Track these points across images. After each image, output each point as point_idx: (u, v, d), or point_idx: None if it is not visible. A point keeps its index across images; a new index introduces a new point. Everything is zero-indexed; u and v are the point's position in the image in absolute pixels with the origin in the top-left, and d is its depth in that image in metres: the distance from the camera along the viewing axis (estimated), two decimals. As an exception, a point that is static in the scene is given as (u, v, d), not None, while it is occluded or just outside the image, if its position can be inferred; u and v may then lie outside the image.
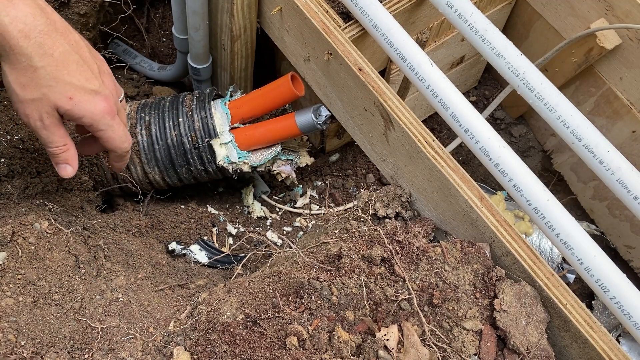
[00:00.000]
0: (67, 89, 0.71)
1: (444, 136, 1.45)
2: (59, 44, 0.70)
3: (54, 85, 0.70)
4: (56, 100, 0.70)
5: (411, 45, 0.89)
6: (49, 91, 0.70)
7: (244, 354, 0.71)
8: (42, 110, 0.71)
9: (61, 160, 0.77)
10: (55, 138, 0.74)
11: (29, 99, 0.70)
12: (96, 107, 0.74)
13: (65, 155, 0.77)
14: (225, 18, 1.11)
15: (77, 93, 0.72)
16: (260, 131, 1.08)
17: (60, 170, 0.78)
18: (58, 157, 0.77)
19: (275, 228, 1.29)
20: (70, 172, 0.78)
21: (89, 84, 0.73)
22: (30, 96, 0.70)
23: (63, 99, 0.71)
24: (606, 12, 1.05)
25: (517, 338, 0.74)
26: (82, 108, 0.72)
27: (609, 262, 0.76)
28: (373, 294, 0.77)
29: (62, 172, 0.78)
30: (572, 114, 0.83)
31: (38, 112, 0.71)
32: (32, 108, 0.70)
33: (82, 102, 0.72)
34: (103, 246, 0.88)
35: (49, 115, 0.72)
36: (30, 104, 0.70)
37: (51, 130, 0.73)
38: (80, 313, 0.75)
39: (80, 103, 0.72)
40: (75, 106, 0.72)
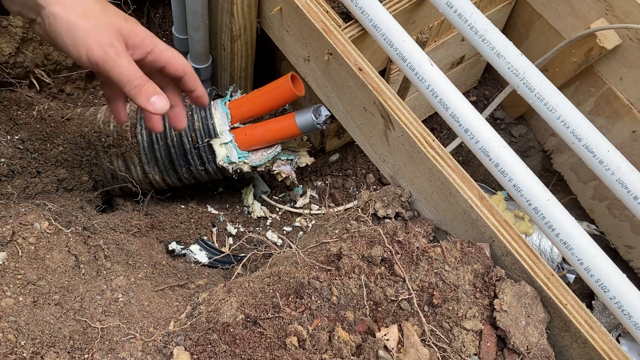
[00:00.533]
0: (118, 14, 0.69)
1: (444, 136, 1.45)
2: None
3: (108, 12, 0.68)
4: (117, 22, 0.68)
5: (411, 45, 0.89)
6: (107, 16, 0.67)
7: (244, 354, 0.71)
8: (110, 34, 0.66)
9: (149, 92, 0.69)
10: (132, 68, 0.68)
11: (95, 25, 0.66)
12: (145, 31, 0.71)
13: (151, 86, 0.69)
14: (225, 18, 1.11)
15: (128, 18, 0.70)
16: (260, 131, 1.08)
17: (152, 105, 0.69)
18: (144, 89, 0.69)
19: (275, 228, 1.29)
20: (166, 102, 0.70)
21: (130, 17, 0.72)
22: (94, 22, 0.66)
23: (122, 21, 0.68)
24: (606, 12, 1.05)
25: (517, 338, 0.74)
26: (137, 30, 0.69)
27: (609, 262, 0.76)
28: (373, 294, 0.77)
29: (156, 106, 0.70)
30: (572, 114, 0.83)
31: (108, 37, 0.66)
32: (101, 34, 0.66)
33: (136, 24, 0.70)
34: (103, 246, 0.88)
35: (118, 40, 0.67)
36: (97, 30, 0.66)
37: (124, 57, 0.67)
38: (80, 313, 0.75)
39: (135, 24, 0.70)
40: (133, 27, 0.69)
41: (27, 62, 1.09)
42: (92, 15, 0.66)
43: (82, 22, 0.65)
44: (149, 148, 1.07)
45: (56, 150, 1.03)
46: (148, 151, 1.07)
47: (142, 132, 1.07)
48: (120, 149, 1.07)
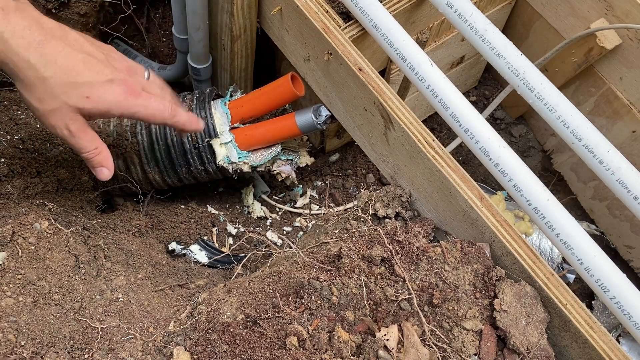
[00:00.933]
0: (81, 89, 0.71)
1: (444, 136, 1.45)
2: (59, 49, 0.70)
3: (68, 91, 0.70)
4: (75, 104, 0.70)
5: (411, 45, 0.89)
6: (66, 97, 0.70)
7: (244, 354, 0.71)
8: (65, 118, 0.71)
9: (96, 163, 0.77)
10: (85, 143, 0.75)
11: (49, 110, 0.70)
12: (115, 95, 0.73)
13: (99, 159, 0.77)
14: (225, 18, 1.11)
15: (92, 89, 0.71)
16: (260, 131, 1.08)
17: (98, 173, 0.79)
18: (92, 160, 0.77)
19: (275, 228, 1.29)
20: (107, 174, 0.79)
21: (100, 76, 0.72)
22: (49, 107, 0.70)
23: (81, 100, 0.71)
24: (606, 12, 1.05)
25: (517, 338, 0.74)
26: (103, 101, 0.72)
27: (609, 262, 0.76)
28: (373, 294, 0.77)
29: (99, 175, 0.79)
30: (572, 114, 0.83)
31: (62, 120, 0.71)
32: (56, 118, 0.71)
33: (100, 96, 0.72)
34: (103, 246, 0.88)
35: (74, 121, 0.72)
36: (53, 115, 0.70)
37: (79, 136, 0.73)
38: (80, 313, 0.75)
39: (99, 98, 0.72)
40: (95, 103, 0.72)
41: (27, 62, 1.08)
42: (49, 101, 0.70)
43: (39, 107, 0.70)
44: (149, 148, 1.07)
45: (56, 150, 1.03)
46: (148, 151, 1.07)
47: (142, 132, 1.07)
48: (120, 149, 1.07)
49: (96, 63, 0.73)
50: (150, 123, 0.80)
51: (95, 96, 0.72)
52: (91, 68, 0.72)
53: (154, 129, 1.07)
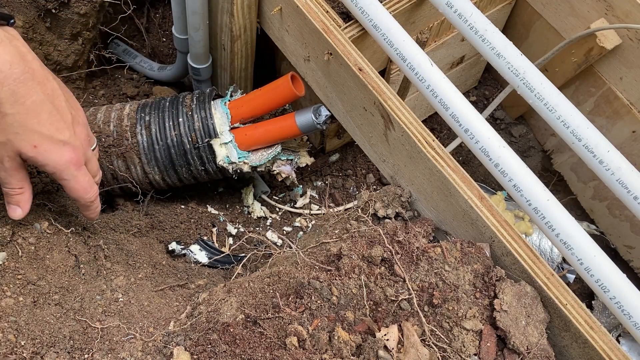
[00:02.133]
0: (33, 137, 0.71)
1: (444, 136, 1.45)
2: (33, 92, 0.69)
3: (20, 133, 0.70)
4: (20, 147, 0.70)
5: (411, 45, 0.89)
6: (14, 138, 0.70)
7: (244, 354, 0.71)
8: (4, 153, 0.71)
9: (13, 201, 0.77)
10: (13, 180, 0.75)
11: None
12: (61, 158, 0.74)
13: (18, 198, 0.77)
14: (225, 18, 1.11)
15: (43, 142, 0.72)
16: (260, 131, 1.08)
17: (10, 210, 0.78)
18: (11, 197, 0.76)
19: (275, 228, 1.29)
20: (20, 214, 0.77)
21: (58, 134, 0.73)
22: None
23: (27, 147, 0.71)
24: (606, 12, 1.05)
25: (517, 338, 0.74)
26: (45, 157, 0.73)
27: (609, 262, 0.76)
28: (373, 294, 0.77)
29: (11, 212, 0.78)
30: (572, 114, 0.83)
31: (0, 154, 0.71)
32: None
33: (46, 152, 0.72)
34: (103, 246, 0.88)
35: (10, 159, 0.72)
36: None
37: (10, 172, 0.73)
38: (80, 313, 0.75)
39: (44, 152, 0.72)
40: (38, 154, 0.72)
41: (27, 62, 1.08)
42: None
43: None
44: (149, 148, 1.07)
45: (56, 150, 1.03)
46: (148, 151, 1.07)
47: (142, 132, 1.07)
48: (120, 149, 1.07)
49: (60, 120, 0.73)
50: (70, 196, 0.80)
51: (41, 149, 0.72)
52: (53, 123, 0.72)
53: (153, 129, 1.07)
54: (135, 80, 1.40)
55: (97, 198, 0.83)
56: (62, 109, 0.74)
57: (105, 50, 1.34)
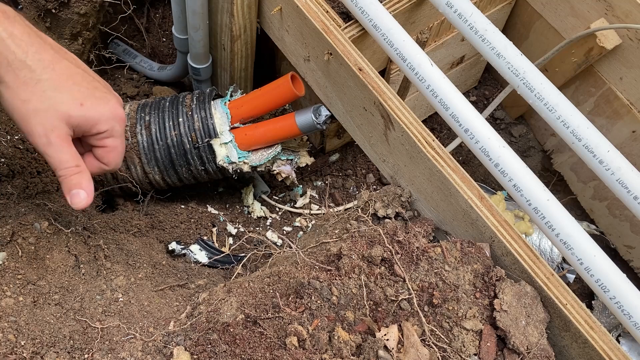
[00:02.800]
0: (75, 95, 0.64)
1: (444, 136, 1.45)
2: (57, 60, 0.65)
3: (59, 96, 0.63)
4: (66, 110, 0.64)
5: (411, 45, 0.89)
6: (56, 101, 0.63)
7: (244, 354, 0.71)
8: (47, 123, 0.63)
9: (72, 184, 0.66)
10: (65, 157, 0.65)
11: (32, 111, 0.62)
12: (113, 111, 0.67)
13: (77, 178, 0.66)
14: (225, 18, 1.11)
15: (87, 99, 0.65)
16: (260, 131, 1.08)
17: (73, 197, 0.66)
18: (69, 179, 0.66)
19: (275, 228, 1.29)
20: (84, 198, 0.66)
21: (98, 91, 0.67)
22: (33, 108, 0.62)
23: (74, 107, 0.64)
24: (606, 12, 1.05)
25: (517, 338, 0.74)
26: (97, 111, 0.66)
27: (609, 262, 0.76)
28: (373, 294, 0.77)
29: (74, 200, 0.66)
30: (572, 114, 0.83)
31: (42, 126, 0.63)
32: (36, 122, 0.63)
33: (95, 106, 0.65)
34: (103, 246, 0.88)
35: (56, 130, 0.64)
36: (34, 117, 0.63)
37: (59, 147, 0.64)
38: (80, 313, 0.75)
39: (93, 106, 0.65)
40: (89, 110, 0.65)
41: (27, 62, 1.08)
42: (35, 101, 0.62)
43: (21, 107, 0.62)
44: (149, 148, 1.07)
45: (56, 150, 1.03)
46: (148, 151, 1.07)
47: (142, 132, 1.07)
48: (120, 149, 1.07)
49: (94, 80, 0.68)
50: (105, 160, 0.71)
51: (89, 104, 0.65)
52: (90, 82, 0.67)
53: (153, 128, 1.07)
54: (135, 80, 1.40)
55: None
56: (90, 73, 0.69)
57: (105, 50, 1.34)
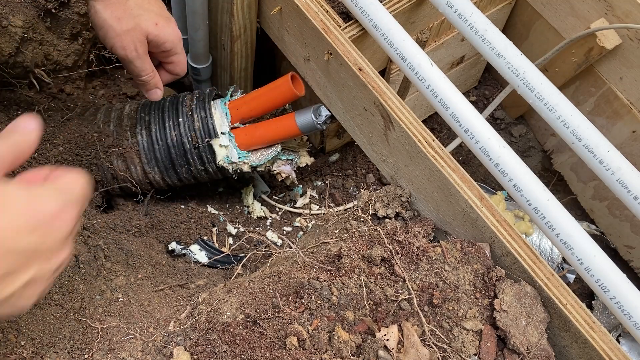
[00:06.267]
0: (152, 16, 0.81)
1: (444, 136, 1.45)
2: None
3: (142, 14, 0.80)
4: (147, 27, 0.80)
5: (411, 45, 0.89)
6: (140, 20, 0.79)
7: (244, 354, 0.71)
8: (136, 39, 0.80)
9: (152, 85, 0.88)
10: (147, 65, 0.85)
11: (125, 30, 0.79)
12: (174, 32, 0.85)
13: (155, 80, 0.88)
14: (225, 18, 1.11)
15: (160, 19, 0.82)
16: (260, 131, 1.08)
17: (152, 95, 0.90)
18: (149, 83, 0.88)
19: (275, 228, 1.29)
20: (160, 94, 0.91)
21: (163, 12, 0.84)
22: (126, 27, 0.79)
23: (151, 26, 0.81)
24: (606, 12, 1.05)
25: (517, 338, 0.74)
26: (166, 32, 0.84)
27: (609, 262, 0.76)
28: (373, 294, 0.77)
29: (153, 96, 0.90)
30: (572, 114, 0.83)
31: (133, 41, 0.80)
32: (129, 39, 0.80)
33: (165, 27, 0.83)
34: (103, 246, 0.88)
35: (141, 44, 0.82)
36: (127, 35, 0.79)
37: (143, 58, 0.83)
38: (80, 313, 0.75)
39: (164, 28, 0.83)
40: (160, 31, 0.82)
41: (27, 62, 1.09)
42: (126, 20, 0.79)
43: (115, 26, 0.79)
44: (149, 148, 1.07)
45: (56, 150, 1.03)
46: (148, 151, 1.07)
47: (142, 132, 1.07)
48: (120, 149, 1.07)
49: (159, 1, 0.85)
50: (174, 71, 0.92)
51: (161, 25, 0.82)
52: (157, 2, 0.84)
53: (153, 128, 1.07)
54: (135, 80, 1.40)
55: None
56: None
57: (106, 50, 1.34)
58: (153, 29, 0.82)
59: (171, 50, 0.86)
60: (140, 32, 0.80)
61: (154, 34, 0.82)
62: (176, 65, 0.90)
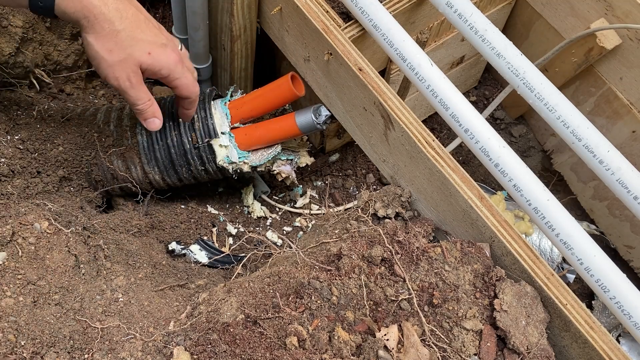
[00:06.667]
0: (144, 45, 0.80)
1: (444, 136, 1.45)
2: (128, 7, 0.79)
3: (135, 45, 0.79)
4: (139, 57, 0.80)
5: (411, 45, 0.89)
6: (132, 51, 0.79)
7: (244, 354, 0.71)
8: (128, 70, 0.80)
9: (149, 114, 0.88)
10: (142, 95, 0.85)
11: (117, 61, 0.79)
12: (170, 58, 0.84)
13: (152, 109, 0.88)
14: (225, 18, 1.11)
15: (153, 48, 0.82)
16: (260, 131, 1.08)
17: (149, 124, 0.90)
18: (146, 112, 0.87)
19: (275, 228, 1.29)
20: (158, 124, 0.90)
21: (157, 38, 0.83)
22: (117, 58, 0.79)
23: (144, 55, 0.81)
24: (606, 12, 1.05)
25: (517, 338, 0.74)
26: (160, 60, 0.83)
27: (609, 262, 0.76)
28: (373, 294, 0.77)
29: (151, 126, 0.90)
30: (572, 114, 0.83)
31: (125, 72, 0.80)
32: (121, 69, 0.80)
33: (159, 55, 0.82)
34: (103, 246, 0.88)
35: (135, 74, 0.81)
36: (119, 66, 0.79)
37: (137, 87, 0.83)
38: (80, 313, 0.75)
39: (157, 56, 0.82)
40: (154, 60, 0.82)
41: (27, 62, 1.09)
42: (117, 52, 0.79)
43: (107, 57, 0.79)
44: (149, 148, 1.07)
45: (56, 150, 1.03)
46: (148, 151, 1.07)
47: (142, 132, 1.07)
48: (120, 149, 1.07)
49: (153, 27, 0.83)
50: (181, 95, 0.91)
51: (154, 54, 0.82)
52: (151, 29, 0.82)
53: (154, 129, 1.07)
54: (135, 80, 1.40)
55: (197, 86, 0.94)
56: (149, 18, 0.84)
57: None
58: (146, 59, 0.81)
59: (169, 76, 0.86)
60: (132, 62, 0.80)
61: (148, 63, 0.81)
62: (181, 89, 0.89)
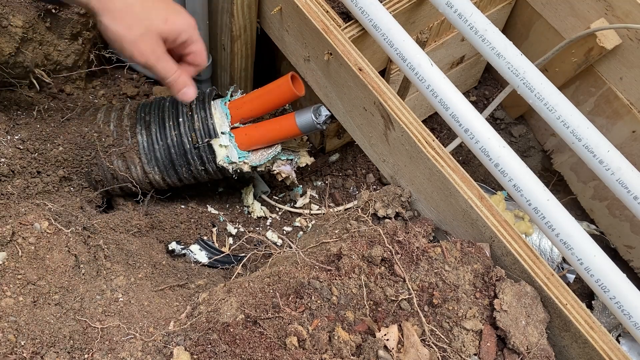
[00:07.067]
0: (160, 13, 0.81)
1: (444, 136, 1.45)
2: None
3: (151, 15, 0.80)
4: (157, 27, 0.80)
5: (411, 45, 0.89)
6: (150, 22, 0.80)
7: (244, 354, 0.71)
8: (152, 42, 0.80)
9: (181, 85, 0.87)
10: (170, 65, 0.84)
11: (139, 36, 0.79)
12: (186, 20, 0.85)
13: (183, 79, 0.86)
14: (225, 18, 1.11)
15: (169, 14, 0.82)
16: (260, 131, 1.08)
17: (184, 96, 0.88)
18: (178, 83, 0.86)
19: (275, 228, 1.29)
20: (192, 93, 0.89)
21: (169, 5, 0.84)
22: (138, 32, 0.79)
23: (162, 24, 0.81)
24: (606, 12, 1.05)
25: (517, 338, 0.74)
26: (178, 25, 0.83)
27: (609, 262, 0.76)
28: (373, 294, 0.77)
29: (185, 96, 0.88)
30: (572, 114, 0.83)
31: (150, 45, 0.80)
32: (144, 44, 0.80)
33: (176, 20, 0.83)
34: (103, 246, 0.88)
35: (158, 46, 0.81)
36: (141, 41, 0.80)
37: (164, 59, 0.83)
38: (80, 313, 0.75)
39: (175, 21, 0.82)
40: (173, 25, 0.82)
41: (27, 62, 1.09)
42: (136, 27, 0.79)
43: (127, 35, 0.79)
44: (149, 148, 1.07)
45: (56, 150, 1.03)
46: (148, 151, 1.07)
47: (142, 132, 1.07)
48: (120, 149, 1.07)
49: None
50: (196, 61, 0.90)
51: (171, 20, 0.82)
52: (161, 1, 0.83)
53: (154, 128, 1.07)
54: (135, 80, 1.40)
55: None
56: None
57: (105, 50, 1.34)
58: (164, 26, 0.81)
59: (188, 39, 0.85)
60: (153, 33, 0.80)
61: (167, 30, 0.82)
62: (196, 54, 0.88)
